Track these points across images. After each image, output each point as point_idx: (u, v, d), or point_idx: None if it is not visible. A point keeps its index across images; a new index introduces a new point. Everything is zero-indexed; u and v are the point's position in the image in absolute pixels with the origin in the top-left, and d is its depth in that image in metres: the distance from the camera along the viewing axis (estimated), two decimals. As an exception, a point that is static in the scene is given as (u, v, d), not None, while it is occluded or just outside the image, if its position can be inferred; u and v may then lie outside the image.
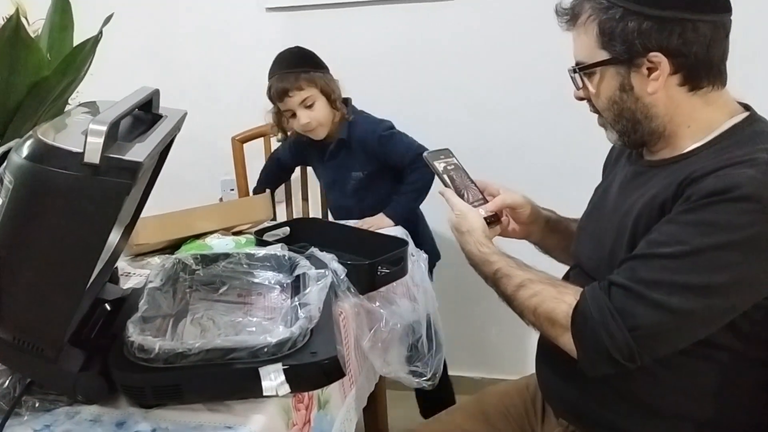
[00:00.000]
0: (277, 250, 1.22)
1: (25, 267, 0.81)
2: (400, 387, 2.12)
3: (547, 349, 1.07)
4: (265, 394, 0.85)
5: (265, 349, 0.89)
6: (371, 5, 2.06)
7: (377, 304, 1.26)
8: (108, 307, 1.08)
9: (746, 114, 0.98)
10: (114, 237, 1.15)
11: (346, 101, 1.84)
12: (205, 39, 2.23)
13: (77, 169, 0.78)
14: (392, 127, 1.81)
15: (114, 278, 1.36)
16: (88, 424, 0.90)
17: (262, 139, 2.06)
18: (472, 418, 1.24)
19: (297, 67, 1.76)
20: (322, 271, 1.09)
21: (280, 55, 1.80)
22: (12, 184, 0.79)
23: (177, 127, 1.09)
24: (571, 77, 1.04)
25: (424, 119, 2.09)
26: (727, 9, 0.95)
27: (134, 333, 0.91)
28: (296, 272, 1.15)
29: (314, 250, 1.23)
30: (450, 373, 1.94)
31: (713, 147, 0.95)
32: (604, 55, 0.98)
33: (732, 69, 1.00)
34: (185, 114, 1.12)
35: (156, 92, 1.07)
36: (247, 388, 0.88)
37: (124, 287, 1.33)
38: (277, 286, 1.19)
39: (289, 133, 1.90)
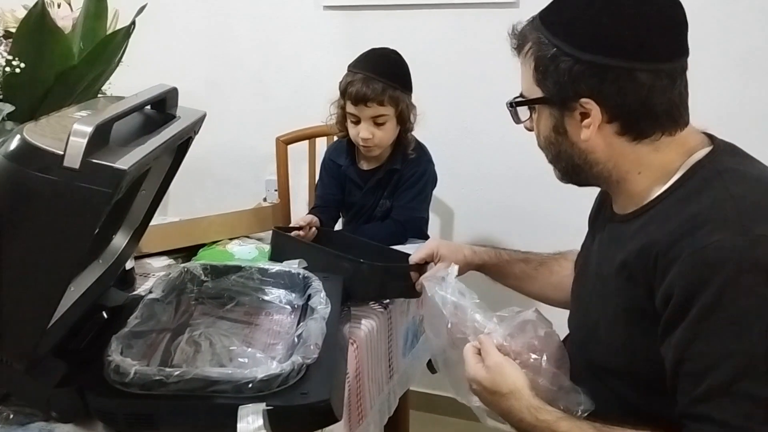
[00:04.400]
0: (293, 266, 1.14)
1: (-5, 274, 0.75)
2: (424, 408, 2.03)
3: None
4: (239, 438, 0.76)
5: (250, 385, 0.80)
6: (431, 8, 1.95)
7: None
8: (105, 315, 1.02)
9: (707, 150, 0.86)
10: (120, 240, 1.10)
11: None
12: (260, 35, 2.17)
13: (57, 173, 0.71)
14: (432, 175, 1.65)
15: (129, 280, 1.31)
16: (58, 444, 0.84)
17: (307, 141, 1.99)
18: None
19: (389, 78, 1.52)
20: (324, 299, 1.00)
21: (376, 53, 1.57)
22: (-11, 184, 0.74)
23: (192, 129, 1.01)
24: (509, 110, 0.95)
25: (473, 128, 1.98)
26: (670, 58, 0.84)
27: (115, 351, 0.84)
28: (308, 293, 1.07)
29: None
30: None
31: (674, 194, 0.85)
32: (538, 93, 0.89)
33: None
34: (204, 115, 1.05)
35: (172, 91, 1.01)
36: (225, 426, 0.79)
37: (139, 290, 1.29)
38: (288, 307, 1.10)
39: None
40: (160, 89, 0.98)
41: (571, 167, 0.91)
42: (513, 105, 0.94)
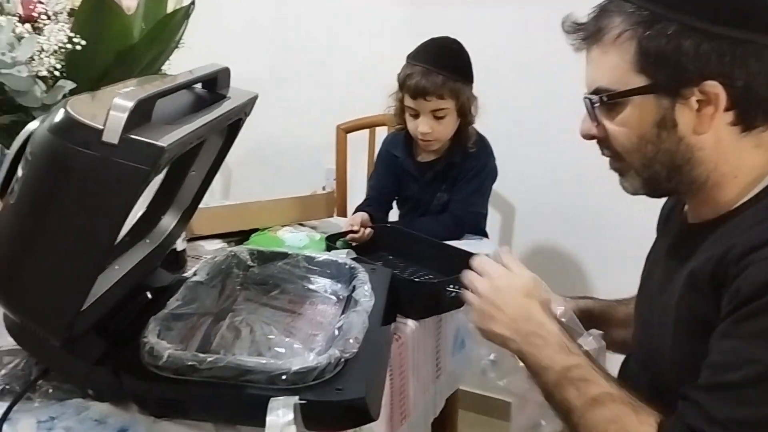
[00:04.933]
0: (340, 256, 1.10)
1: (33, 248, 0.74)
2: (475, 410, 1.96)
3: None
4: (267, 431, 0.73)
5: (284, 377, 0.77)
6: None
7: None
8: (149, 296, 1.01)
9: None
10: (169, 221, 1.09)
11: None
12: (326, 21, 2.15)
13: (96, 148, 0.70)
14: (492, 169, 1.59)
15: (180, 262, 1.31)
16: (91, 423, 0.83)
17: (367, 130, 1.95)
18: None
19: (450, 70, 1.46)
20: (368, 292, 0.96)
21: (435, 44, 1.51)
22: (31, 156, 0.73)
23: (242, 110, 0.99)
24: (589, 108, 0.83)
25: (537, 123, 1.90)
26: None
27: (152, 333, 0.83)
28: (353, 284, 1.03)
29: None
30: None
31: (758, 204, 0.77)
32: (640, 81, 0.77)
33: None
34: (255, 97, 1.02)
35: (224, 71, 0.98)
36: (256, 417, 0.76)
37: (189, 273, 1.28)
38: (333, 297, 1.07)
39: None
40: (211, 68, 0.96)
41: (667, 171, 0.80)
42: (603, 100, 0.80)
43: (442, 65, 1.45)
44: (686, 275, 0.78)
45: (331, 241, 1.31)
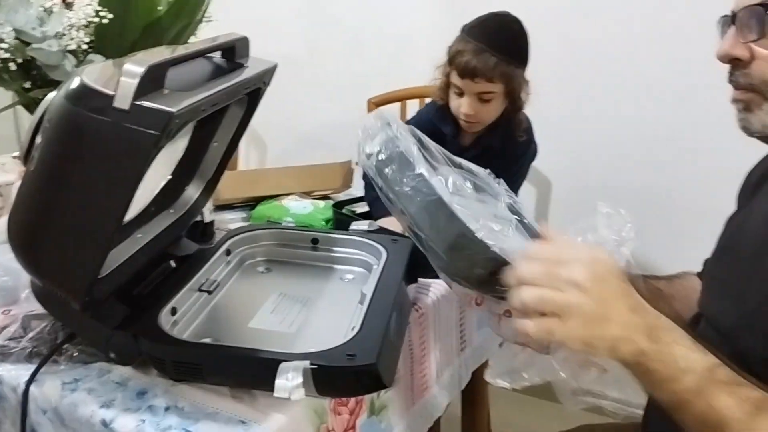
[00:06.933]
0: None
1: (51, 212, 0.76)
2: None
3: None
4: (275, 394, 0.74)
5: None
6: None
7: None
8: (173, 264, 1.03)
9: None
10: (193, 192, 1.10)
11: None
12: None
13: (108, 113, 0.71)
14: (533, 154, 1.53)
15: (208, 233, 1.33)
16: (113, 386, 0.85)
17: (399, 103, 1.94)
18: None
19: (506, 53, 1.35)
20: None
21: (495, 22, 1.39)
22: (48, 123, 0.75)
23: (260, 79, 0.99)
24: (744, 22, 0.72)
25: (597, 118, 1.85)
26: None
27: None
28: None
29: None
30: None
31: None
32: None
33: None
34: (274, 66, 1.02)
35: (242, 40, 0.98)
36: (265, 381, 0.76)
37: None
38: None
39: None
40: (229, 37, 0.96)
41: None
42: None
43: (497, 46, 1.34)
44: None
45: (338, 209, 1.31)
